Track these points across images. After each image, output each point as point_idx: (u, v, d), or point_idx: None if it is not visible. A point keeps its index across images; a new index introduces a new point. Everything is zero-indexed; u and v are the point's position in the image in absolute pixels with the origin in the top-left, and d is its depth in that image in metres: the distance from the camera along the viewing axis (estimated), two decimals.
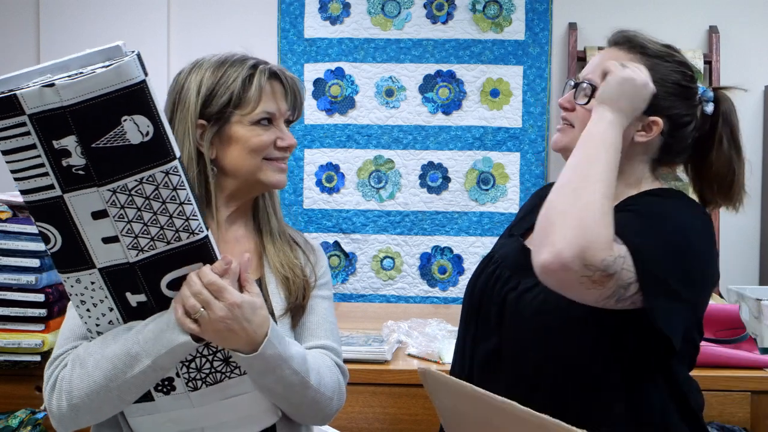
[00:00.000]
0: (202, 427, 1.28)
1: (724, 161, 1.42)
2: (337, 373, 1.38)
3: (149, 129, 1.08)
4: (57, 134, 1.07)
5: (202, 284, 1.15)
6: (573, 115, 1.39)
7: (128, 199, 1.11)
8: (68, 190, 1.11)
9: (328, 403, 1.34)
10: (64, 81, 1.04)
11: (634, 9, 3.10)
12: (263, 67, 1.37)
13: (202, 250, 1.17)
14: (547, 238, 1.18)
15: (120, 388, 1.20)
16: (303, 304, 1.40)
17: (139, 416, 1.27)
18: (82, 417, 1.23)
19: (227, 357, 1.25)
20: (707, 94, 1.40)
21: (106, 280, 1.17)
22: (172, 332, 1.17)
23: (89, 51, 1.07)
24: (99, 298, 1.19)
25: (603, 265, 1.14)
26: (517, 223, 1.55)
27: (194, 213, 1.14)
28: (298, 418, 1.36)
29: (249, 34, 3.15)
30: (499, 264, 1.45)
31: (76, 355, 1.24)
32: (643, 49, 1.38)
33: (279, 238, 1.44)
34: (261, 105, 1.34)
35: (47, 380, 1.26)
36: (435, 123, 3.14)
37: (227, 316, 1.16)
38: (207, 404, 1.26)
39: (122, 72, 1.04)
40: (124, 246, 1.14)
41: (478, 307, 1.44)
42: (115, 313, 1.21)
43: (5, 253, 2.08)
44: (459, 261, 3.12)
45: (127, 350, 1.19)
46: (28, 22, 3.21)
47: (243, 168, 1.35)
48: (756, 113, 3.10)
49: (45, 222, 1.14)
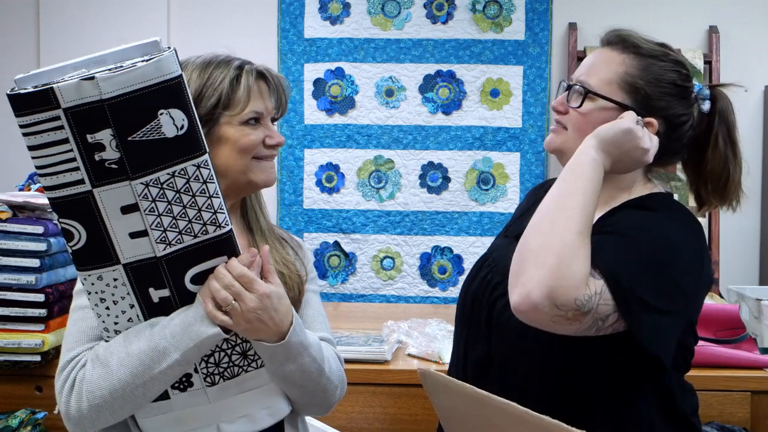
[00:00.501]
0: (218, 422, 1.29)
1: (719, 160, 1.39)
2: (339, 363, 1.42)
3: (184, 123, 1.10)
4: (92, 128, 1.08)
5: (233, 277, 1.18)
6: (566, 118, 1.37)
7: (160, 192, 1.13)
8: (98, 185, 1.11)
9: (335, 391, 1.38)
10: (104, 74, 1.05)
11: (634, 9, 3.10)
12: (249, 67, 1.38)
13: (227, 243, 1.19)
14: (518, 278, 1.16)
15: (145, 385, 1.20)
16: (299, 299, 1.43)
17: (153, 416, 1.27)
18: (102, 417, 1.22)
19: (245, 350, 1.26)
20: (703, 92, 1.37)
21: (129, 276, 1.18)
22: (200, 325, 1.18)
23: (126, 46, 1.08)
24: (120, 296, 1.20)
25: (576, 305, 1.12)
26: (513, 224, 1.54)
27: (221, 206, 1.16)
28: (305, 407, 1.39)
29: (249, 34, 3.15)
30: (492, 268, 1.43)
31: (95, 356, 1.23)
32: (637, 48, 1.35)
33: (269, 235, 1.46)
34: (250, 105, 1.35)
35: (63, 382, 1.24)
36: (435, 123, 3.14)
37: (258, 307, 1.19)
38: (223, 399, 1.28)
39: (162, 66, 1.06)
40: (153, 240, 1.15)
41: (470, 311, 1.43)
42: (135, 310, 1.21)
43: (5, 253, 2.08)
44: (459, 261, 3.12)
45: (154, 345, 1.19)
46: (28, 22, 3.21)
47: (233, 168, 1.36)
48: (756, 113, 3.10)
49: (70, 218, 1.13)
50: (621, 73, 1.34)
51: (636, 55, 1.35)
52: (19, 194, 2.22)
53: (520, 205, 1.62)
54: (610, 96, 1.33)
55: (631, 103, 1.33)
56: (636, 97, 1.33)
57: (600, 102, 1.34)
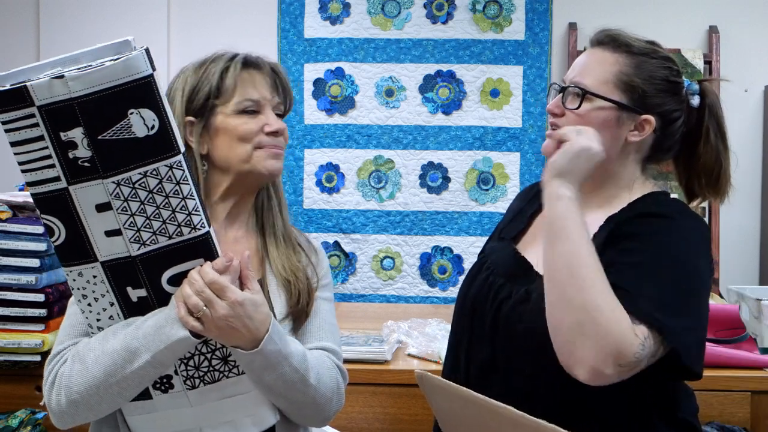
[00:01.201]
0: (200, 426, 1.28)
1: (711, 153, 1.39)
2: (336, 374, 1.38)
3: (155, 123, 1.09)
4: (65, 126, 1.08)
5: (204, 283, 1.16)
6: (562, 121, 1.37)
7: (132, 191, 1.13)
8: (74, 182, 1.12)
9: (327, 403, 1.34)
10: (73, 73, 1.06)
11: (634, 9, 3.10)
12: (238, 57, 1.38)
13: (203, 245, 1.18)
14: (573, 355, 1.17)
15: (119, 384, 1.20)
16: (307, 311, 1.39)
17: (138, 415, 1.27)
18: (81, 413, 1.24)
19: (226, 356, 1.25)
20: (693, 87, 1.38)
21: (107, 274, 1.18)
22: (171, 327, 1.17)
23: (100, 45, 1.08)
24: (100, 293, 1.20)
25: (636, 357, 1.15)
26: (506, 226, 1.53)
27: (197, 208, 1.15)
28: (297, 418, 1.35)
29: (249, 34, 3.15)
30: (492, 271, 1.43)
31: (76, 351, 1.25)
32: (629, 47, 1.36)
33: (283, 240, 1.43)
34: (238, 93, 1.35)
35: (47, 376, 1.27)
36: (435, 123, 3.14)
37: (230, 314, 1.16)
38: (205, 403, 1.27)
39: (130, 66, 1.06)
40: (126, 239, 1.16)
41: (471, 314, 1.42)
42: (116, 308, 1.22)
43: (5, 253, 2.08)
44: (459, 261, 3.12)
45: (126, 345, 1.19)
46: (28, 22, 3.21)
47: (233, 158, 1.35)
48: (756, 113, 3.10)
49: (50, 214, 1.15)
50: (616, 72, 1.34)
51: (628, 54, 1.35)
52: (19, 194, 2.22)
53: (510, 207, 1.61)
54: (607, 95, 1.34)
55: (628, 101, 1.34)
56: (632, 95, 1.34)
57: (597, 102, 1.34)
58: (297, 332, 1.38)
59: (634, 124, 1.34)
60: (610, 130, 1.34)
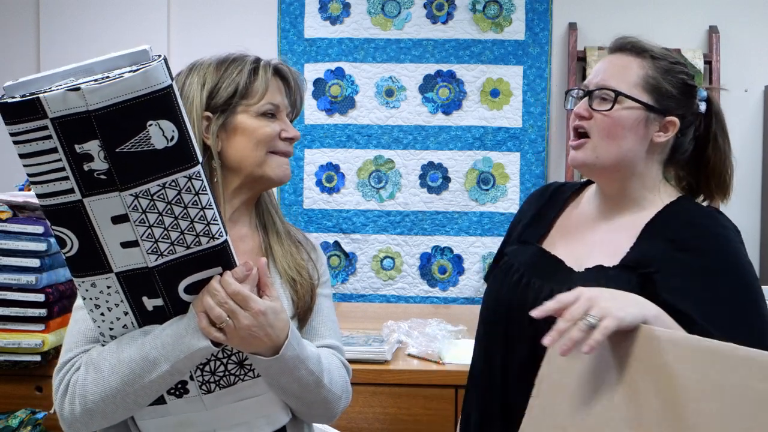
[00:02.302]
0: (215, 429, 1.28)
1: (720, 156, 1.45)
2: (344, 372, 1.40)
3: (174, 134, 1.06)
4: (80, 138, 1.05)
5: (227, 294, 1.15)
6: (589, 124, 1.40)
7: (150, 203, 1.10)
8: (88, 195, 1.09)
9: (337, 401, 1.37)
10: (90, 85, 1.02)
11: (634, 9, 3.10)
12: (266, 61, 1.39)
13: (221, 254, 1.16)
14: None
15: (137, 393, 1.20)
16: (311, 307, 1.41)
17: (150, 419, 1.27)
18: (95, 421, 1.22)
19: (241, 360, 1.25)
20: (702, 93, 1.44)
21: (122, 284, 1.16)
22: (192, 337, 1.16)
23: (114, 54, 1.06)
24: (114, 303, 1.18)
25: None
26: (527, 230, 1.55)
27: (215, 217, 1.13)
28: (307, 416, 1.37)
29: (249, 34, 3.15)
30: (524, 272, 1.45)
31: (89, 359, 1.23)
32: (650, 52, 1.42)
33: (285, 238, 1.44)
34: (267, 96, 1.36)
35: (58, 384, 1.25)
36: (435, 123, 3.14)
37: (253, 324, 1.16)
38: (220, 406, 1.27)
39: (149, 77, 1.03)
40: (144, 250, 1.13)
41: (506, 316, 1.44)
42: (130, 317, 1.20)
43: (5, 253, 2.08)
44: (459, 261, 3.12)
45: (145, 355, 1.18)
46: (28, 22, 3.21)
47: (248, 160, 1.35)
48: (756, 113, 3.10)
49: (62, 226, 1.11)
50: (643, 76, 1.40)
51: (652, 59, 1.41)
52: (19, 194, 2.22)
53: (523, 211, 1.62)
54: (637, 97, 1.39)
55: (655, 103, 1.39)
56: (659, 98, 1.39)
57: (627, 103, 1.39)
58: (302, 330, 1.40)
59: (659, 125, 1.39)
60: (639, 131, 1.39)
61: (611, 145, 1.38)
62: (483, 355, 1.50)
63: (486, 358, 1.49)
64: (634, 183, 1.42)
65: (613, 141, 1.38)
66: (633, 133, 1.38)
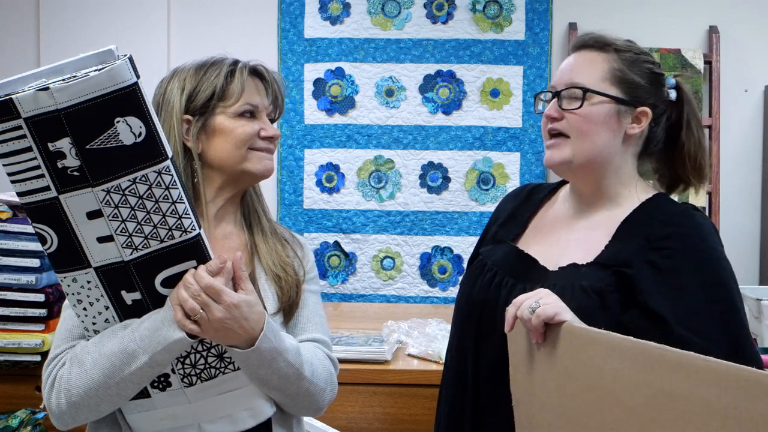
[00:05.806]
0: (199, 422, 1.30)
1: (694, 142, 1.44)
2: (329, 364, 1.42)
3: (141, 130, 1.10)
4: (52, 137, 1.09)
5: (200, 287, 1.18)
6: (562, 124, 1.40)
7: (122, 198, 1.14)
8: (63, 191, 1.13)
9: (321, 394, 1.38)
10: (58, 84, 1.06)
11: (634, 9, 3.10)
12: (244, 63, 1.42)
13: (195, 248, 1.19)
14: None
15: (118, 385, 1.23)
16: (296, 302, 1.43)
17: (137, 413, 1.29)
18: (81, 414, 1.26)
19: (221, 353, 1.27)
20: (670, 81, 1.44)
21: (101, 279, 1.20)
22: (167, 329, 1.19)
23: (83, 55, 1.09)
24: (95, 297, 1.22)
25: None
26: (500, 229, 1.55)
27: (186, 211, 1.17)
28: (292, 409, 1.39)
29: (249, 34, 3.15)
30: (497, 272, 1.44)
31: (74, 354, 1.26)
32: (614, 45, 1.41)
33: (271, 235, 1.47)
34: (243, 97, 1.39)
35: (46, 379, 1.29)
36: (435, 123, 3.14)
37: (226, 317, 1.19)
38: (202, 399, 1.29)
39: (114, 75, 1.07)
40: (119, 245, 1.17)
41: (478, 315, 1.44)
42: (111, 312, 1.23)
43: (5, 253, 2.08)
44: (459, 261, 3.12)
45: (124, 347, 1.21)
46: (28, 22, 3.21)
47: (229, 159, 1.39)
48: (756, 113, 3.10)
49: (41, 223, 1.16)
50: (609, 69, 1.39)
51: (616, 51, 1.40)
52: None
53: (499, 210, 1.61)
54: (605, 92, 1.38)
55: (624, 95, 1.38)
56: (627, 89, 1.39)
57: (596, 99, 1.38)
58: (287, 325, 1.42)
59: (632, 117, 1.39)
60: (612, 125, 1.38)
61: (586, 142, 1.38)
62: (455, 356, 1.50)
63: (458, 356, 1.49)
64: (610, 179, 1.41)
65: (587, 138, 1.37)
66: (606, 128, 1.37)
